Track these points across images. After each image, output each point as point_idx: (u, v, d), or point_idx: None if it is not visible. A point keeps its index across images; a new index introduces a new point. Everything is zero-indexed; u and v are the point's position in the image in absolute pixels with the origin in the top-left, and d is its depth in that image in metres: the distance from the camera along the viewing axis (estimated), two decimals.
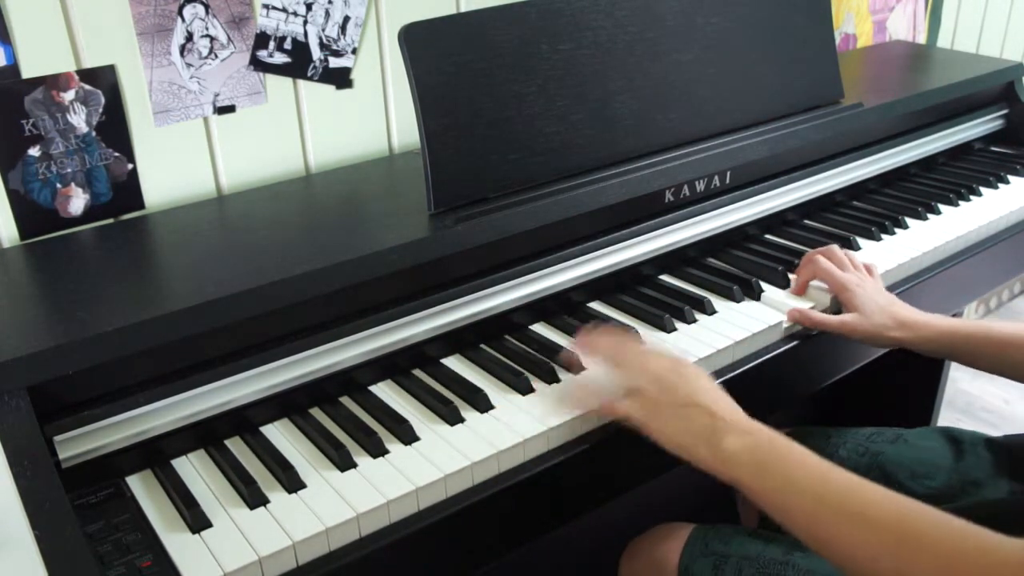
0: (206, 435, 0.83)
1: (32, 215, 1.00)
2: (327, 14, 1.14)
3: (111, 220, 1.06)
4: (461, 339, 0.97)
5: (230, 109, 1.10)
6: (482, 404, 0.86)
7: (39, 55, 0.96)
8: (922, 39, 2.00)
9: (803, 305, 1.04)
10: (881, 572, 0.64)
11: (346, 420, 0.85)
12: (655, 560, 1.00)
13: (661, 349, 0.87)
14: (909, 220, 1.27)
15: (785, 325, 1.01)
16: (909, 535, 0.63)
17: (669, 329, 0.99)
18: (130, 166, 1.05)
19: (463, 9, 1.27)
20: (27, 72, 0.95)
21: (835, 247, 1.08)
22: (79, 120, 1.00)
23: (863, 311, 0.99)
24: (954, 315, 1.58)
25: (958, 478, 1.00)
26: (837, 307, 1.04)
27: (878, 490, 0.68)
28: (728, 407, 0.79)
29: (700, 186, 1.14)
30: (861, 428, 1.13)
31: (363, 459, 0.80)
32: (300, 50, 1.13)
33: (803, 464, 0.72)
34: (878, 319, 0.98)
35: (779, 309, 1.03)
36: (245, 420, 0.85)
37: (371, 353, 0.90)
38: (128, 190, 1.06)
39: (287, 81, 1.14)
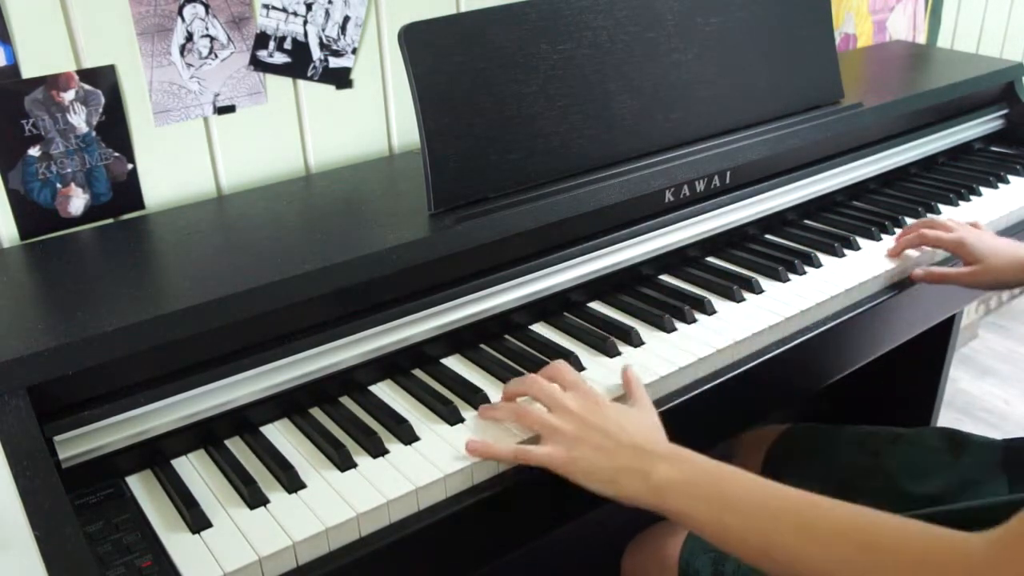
0: (206, 435, 0.83)
1: (32, 215, 1.00)
2: (327, 14, 1.14)
3: (111, 220, 1.06)
4: (461, 339, 0.97)
5: (230, 109, 1.10)
6: (482, 404, 0.86)
7: (39, 55, 0.96)
8: (922, 39, 2.00)
9: (804, 301, 1.04)
10: None
11: (346, 420, 0.85)
12: (657, 557, 1.01)
13: (577, 388, 0.81)
14: (909, 220, 1.27)
15: (894, 272, 1.07)
16: (870, 544, 0.61)
17: (669, 329, 0.99)
18: (130, 166, 1.05)
19: (463, 9, 1.27)
20: (27, 72, 0.95)
21: (934, 217, 1.12)
22: (79, 120, 1.00)
23: (985, 260, 1.04)
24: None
25: (957, 479, 1.00)
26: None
27: (830, 502, 0.66)
28: (652, 438, 0.76)
29: (700, 186, 1.14)
30: (859, 427, 1.13)
31: (363, 459, 0.80)
32: (300, 50, 1.13)
33: (743, 484, 0.70)
34: (1002, 263, 1.03)
35: (779, 309, 1.03)
36: (245, 420, 0.85)
37: (371, 353, 0.90)
38: (128, 190, 1.06)
39: (287, 81, 1.14)
